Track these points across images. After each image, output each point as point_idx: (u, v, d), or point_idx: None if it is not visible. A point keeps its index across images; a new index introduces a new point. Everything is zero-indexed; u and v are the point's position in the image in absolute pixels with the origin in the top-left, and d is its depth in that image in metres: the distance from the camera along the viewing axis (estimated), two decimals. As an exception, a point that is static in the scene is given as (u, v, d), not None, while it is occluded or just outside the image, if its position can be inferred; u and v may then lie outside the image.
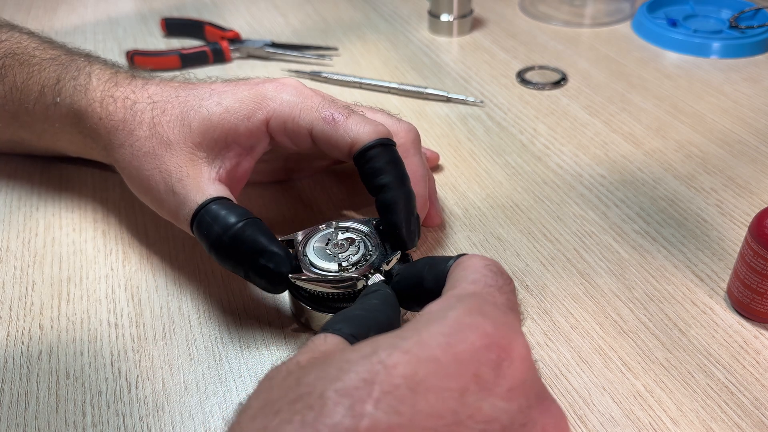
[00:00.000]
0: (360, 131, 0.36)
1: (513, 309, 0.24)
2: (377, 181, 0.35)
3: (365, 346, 0.20)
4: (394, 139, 0.39)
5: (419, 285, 0.29)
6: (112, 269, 0.41)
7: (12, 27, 0.47)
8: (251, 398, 0.21)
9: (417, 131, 0.41)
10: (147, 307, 0.38)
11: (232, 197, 0.36)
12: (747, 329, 0.36)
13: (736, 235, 0.42)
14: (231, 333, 0.37)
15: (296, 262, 0.35)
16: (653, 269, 0.40)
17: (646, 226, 0.43)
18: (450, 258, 0.28)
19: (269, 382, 0.22)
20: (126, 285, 0.40)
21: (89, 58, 0.44)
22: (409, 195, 0.36)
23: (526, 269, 0.40)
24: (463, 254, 0.27)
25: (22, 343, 0.36)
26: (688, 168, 0.49)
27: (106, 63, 0.43)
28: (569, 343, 0.35)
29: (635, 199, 0.46)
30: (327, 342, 0.24)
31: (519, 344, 0.21)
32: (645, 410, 0.32)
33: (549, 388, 0.33)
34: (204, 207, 0.34)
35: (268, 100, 0.37)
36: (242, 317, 0.37)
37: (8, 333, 0.37)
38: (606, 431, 0.31)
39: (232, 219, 0.34)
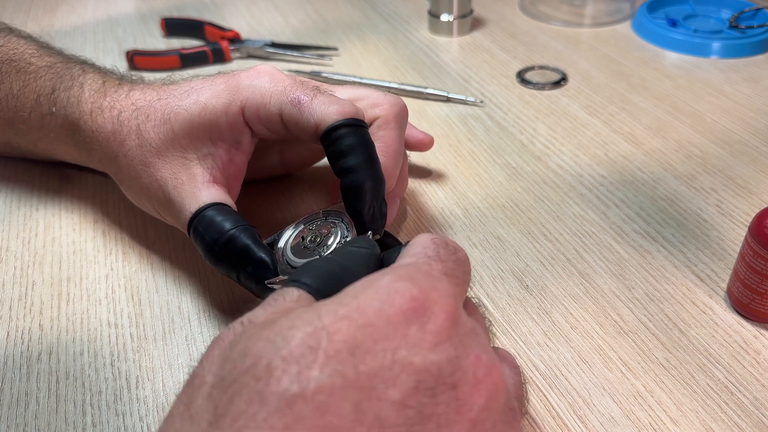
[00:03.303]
0: (324, 112, 0.34)
1: (447, 274, 0.25)
2: (342, 164, 0.34)
3: (309, 311, 0.22)
4: (377, 111, 0.39)
5: None
6: (112, 269, 0.41)
7: (10, 30, 0.47)
8: (204, 370, 0.22)
9: (404, 106, 0.40)
10: (147, 307, 0.38)
11: (228, 198, 0.36)
12: (747, 329, 0.36)
13: (736, 235, 0.42)
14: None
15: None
16: (653, 269, 0.40)
17: (646, 226, 0.43)
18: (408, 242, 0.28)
19: (222, 352, 0.22)
20: (126, 285, 0.40)
21: (84, 66, 0.44)
22: (376, 178, 0.34)
23: (526, 269, 0.40)
24: (422, 233, 0.28)
25: (22, 343, 0.36)
26: (688, 168, 0.49)
27: (99, 71, 0.43)
28: (569, 343, 0.35)
29: (635, 199, 0.46)
30: (297, 300, 0.24)
31: (444, 304, 0.23)
32: (645, 410, 0.32)
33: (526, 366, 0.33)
34: (198, 214, 0.34)
35: (242, 89, 0.36)
36: (242, 317, 0.37)
37: (8, 333, 0.37)
38: (606, 431, 0.31)
39: (224, 227, 0.34)
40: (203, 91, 0.37)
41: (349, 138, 0.34)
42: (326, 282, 0.25)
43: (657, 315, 0.37)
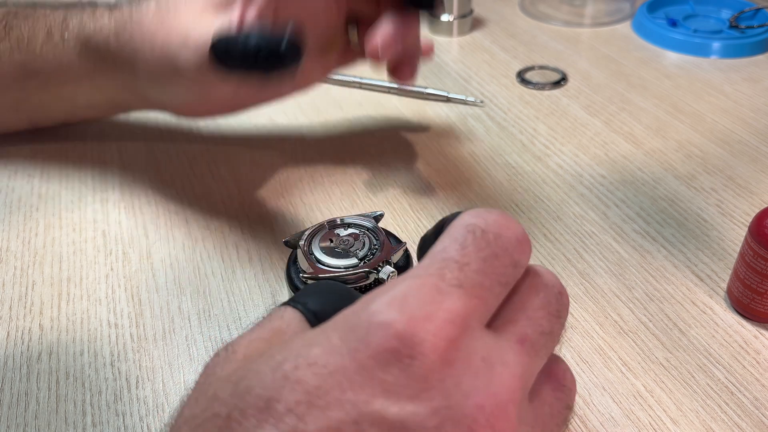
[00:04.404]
0: None
1: (464, 285, 0.20)
2: None
3: (279, 353, 0.20)
4: None
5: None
6: (112, 269, 0.41)
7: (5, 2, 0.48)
8: (187, 399, 0.21)
9: None
10: (147, 307, 0.38)
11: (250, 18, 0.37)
12: (747, 329, 0.36)
13: (736, 235, 0.42)
14: (231, 333, 0.37)
15: (310, 255, 0.35)
16: (653, 269, 0.40)
17: (646, 226, 0.43)
18: (457, 214, 0.24)
19: (203, 382, 0.21)
20: (126, 285, 0.40)
21: (92, 3, 0.45)
22: None
23: (526, 269, 0.40)
24: (468, 210, 0.23)
25: (22, 343, 0.36)
26: (688, 168, 0.49)
27: (109, 3, 0.45)
28: (569, 343, 0.35)
29: (635, 199, 0.46)
30: (283, 318, 0.23)
31: (439, 338, 0.18)
32: (645, 410, 0.32)
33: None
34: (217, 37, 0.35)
35: None
36: (242, 317, 0.37)
37: (8, 333, 0.37)
38: (606, 431, 0.31)
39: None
40: None
41: None
42: (325, 303, 0.23)
43: (657, 315, 0.37)
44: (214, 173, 0.49)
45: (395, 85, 0.59)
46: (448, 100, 0.58)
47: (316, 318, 0.22)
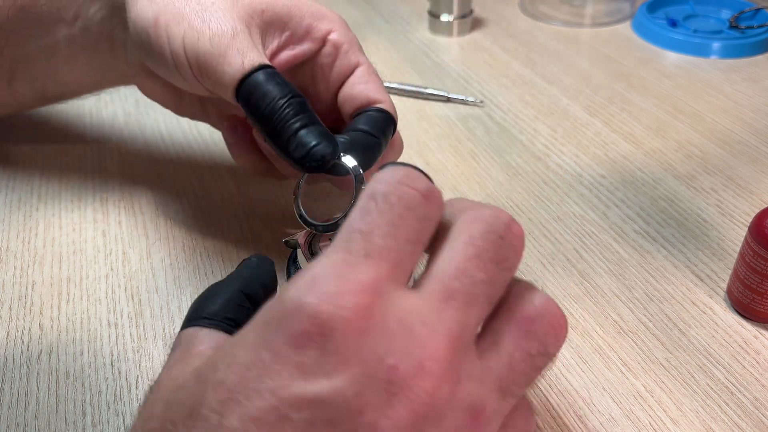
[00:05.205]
0: (379, 96, 0.37)
1: (372, 255, 0.20)
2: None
3: (205, 364, 0.21)
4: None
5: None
6: (112, 269, 0.41)
7: None
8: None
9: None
10: (147, 307, 0.38)
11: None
12: (747, 329, 0.36)
13: (736, 235, 0.42)
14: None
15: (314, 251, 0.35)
16: (653, 269, 0.40)
17: (646, 226, 0.43)
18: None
19: (140, 411, 0.22)
20: (126, 285, 0.40)
21: None
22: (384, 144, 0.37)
23: (526, 269, 0.40)
24: (376, 173, 0.22)
25: (22, 343, 0.36)
26: (688, 168, 0.49)
27: None
28: (569, 343, 0.35)
29: (635, 199, 0.46)
30: (181, 338, 0.25)
31: (347, 311, 0.18)
32: (645, 410, 0.32)
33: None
34: (256, 71, 0.33)
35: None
36: (242, 317, 0.37)
37: (8, 333, 0.37)
38: (606, 431, 0.31)
39: (282, 90, 0.33)
40: None
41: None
42: (215, 303, 0.26)
43: (657, 315, 0.37)
44: (214, 173, 0.49)
45: (395, 85, 0.59)
46: (448, 100, 0.58)
47: (215, 319, 0.25)
